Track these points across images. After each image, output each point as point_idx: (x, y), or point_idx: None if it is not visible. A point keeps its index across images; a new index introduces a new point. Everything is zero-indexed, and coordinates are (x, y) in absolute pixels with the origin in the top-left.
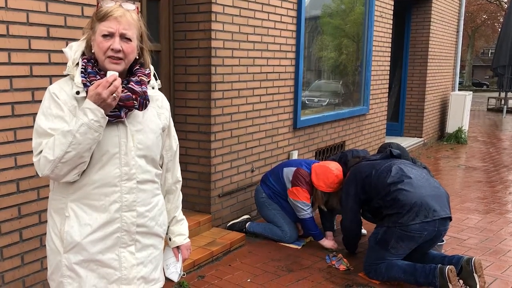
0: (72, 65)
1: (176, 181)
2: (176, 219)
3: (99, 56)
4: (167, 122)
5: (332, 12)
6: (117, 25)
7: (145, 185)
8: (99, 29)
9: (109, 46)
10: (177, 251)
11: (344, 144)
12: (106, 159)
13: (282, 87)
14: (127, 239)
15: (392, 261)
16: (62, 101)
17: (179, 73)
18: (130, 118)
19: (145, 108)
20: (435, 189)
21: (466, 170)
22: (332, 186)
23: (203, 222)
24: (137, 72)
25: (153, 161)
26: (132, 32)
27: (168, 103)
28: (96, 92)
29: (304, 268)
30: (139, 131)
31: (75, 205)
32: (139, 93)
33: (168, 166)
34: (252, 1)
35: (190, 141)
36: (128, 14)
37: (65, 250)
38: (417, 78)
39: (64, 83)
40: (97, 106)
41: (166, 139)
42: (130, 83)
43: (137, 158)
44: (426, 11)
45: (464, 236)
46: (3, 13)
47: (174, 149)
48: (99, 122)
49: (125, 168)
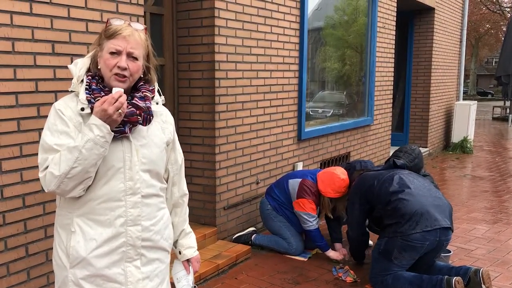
0: (77, 82)
1: (182, 194)
2: (185, 232)
3: (105, 72)
4: (171, 136)
5: (335, 23)
6: (125, 43)
7: (149, 199)
8: (107, 46)
9: (116, 63)
10: (187, 264)
11: (349, 155)
12: (111, 174)
13: (286, 99)
14: (133, 253)
15: (398, 273)
16: (68, 117)
17: (183, 86)
18: (134, 133)
19: (149, 123)
20: (437, 199)
21: (472, 179)
22: (340, 191)
23: (209, 235)
24: (141, 88)
25: (157, 175)
26: (139, 51)
27: (172, 118)
28: (102, 108)
29: (310, 281)
30: (143, 146)
31: (80, 220)
32: (143, 109)
33: (174, 180)
34: (255, 14)
35: (194, 153)
36: (137, 34)
37: (71, 265)
38: (421, 88)
39: (69, 99)
40: (103, 122)
41: (171, 153)
42: (134, 99)
43: (141, 172)
44: (429, 21)
45: (471, 246)
46: (8, 30)
47: (179, 163)
48: (104, 138)
49: (130, 183)
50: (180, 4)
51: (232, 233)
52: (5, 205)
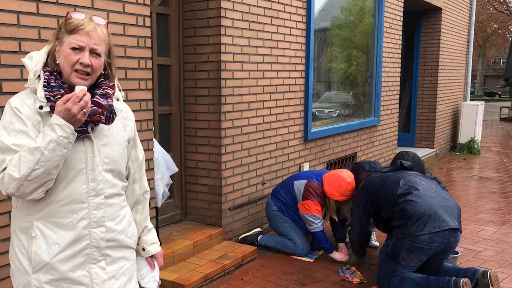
0: (33, 78)
1: (144, 191)
2: (148, 228)
3: (66, 68)
4: (132, 133)
5: (341, 23)
6: (88, 39)
7: (112, 199)
8: (68, 41)
9: (78, 59)
10: (151, 260)
11: (355, 155)
12: (72, 175)
13: (292, 99)
14: (97, 254)
15: (405, 274)
16: (25, 116)
17: (189, 86)
18: (96, 132)
19: (112, 122)
20: (445, 200)
21: (479, 180)
22: (346, 194)
23: (214, 236)
24: (102, 85)
25: (119, 174)
26: (102, 47)
27: (132, 114)
28: (65, 107)
29: (317, 282)
30: (105, 145)
31: (41, 223)
32: (105, 107)
33: (135, 177)
34: (261, 14)
35: (200, 154)
36: (99, 29)
37: (34, 270)
38: (428, 88)
39: (26, 96)
40: (66, 122)
41: (132, 150)
42: (95, 97)
43: (104, 173)
44: (436, 21)
45: (479, 248)
46: (15, 30)
47: (140, 160)
48: (68, 139)
49: (92, 184)
50: (186, 4)
51: (238, 233)
52: None
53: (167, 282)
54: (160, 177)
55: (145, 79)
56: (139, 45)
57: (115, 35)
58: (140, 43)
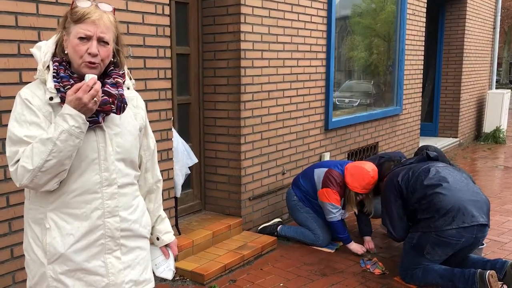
0: (42, 68)
1: (157, 180)
2: (161, 218)
3: (75, 59)
4: (143, 122)
5: (362, 11)
6: (95, 28)
7: (125, 188)
8: (75, 31)
9: (86, 49)
10: (165, 249)
11: (377, 145)
12: (85, 165)
13: (312, 88)
14: (112, 244)
15: (428, 266)
16: (36, 107)
17: (208, 75)
18: (107, 122)
19: (123, 111)
20: (475, 194)
21: (505, 170)
22: (367, 187)
23: (234, 226)
24: (112, 74)
25: (132, 163)
26: (109, 35)
27: (143, 102)
28: (76, 97)
29: (338, 272)
30: (117, 134)
31: (55, 215)
32: (116, 96)
33: (147, 166)
34: (281, 1)
35: (219, 144)
36: (106, 17)
37: (49, 261)
38: (452, 76)
39: (36, 87)
40: (78, 111)
41: (144, 139)
42: (106, 86)
43: (116, 162)
44: (461, 8)
45: (505, 239)
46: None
47: (152, 148)
48: (80, 128)
49: (105, 174)
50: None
51: (258, 224)
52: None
53: (187, 271)
54: (179, 167)
55: (164, 68)
56: (158, 34)
57: (134, 24)
58: (159, 32)
